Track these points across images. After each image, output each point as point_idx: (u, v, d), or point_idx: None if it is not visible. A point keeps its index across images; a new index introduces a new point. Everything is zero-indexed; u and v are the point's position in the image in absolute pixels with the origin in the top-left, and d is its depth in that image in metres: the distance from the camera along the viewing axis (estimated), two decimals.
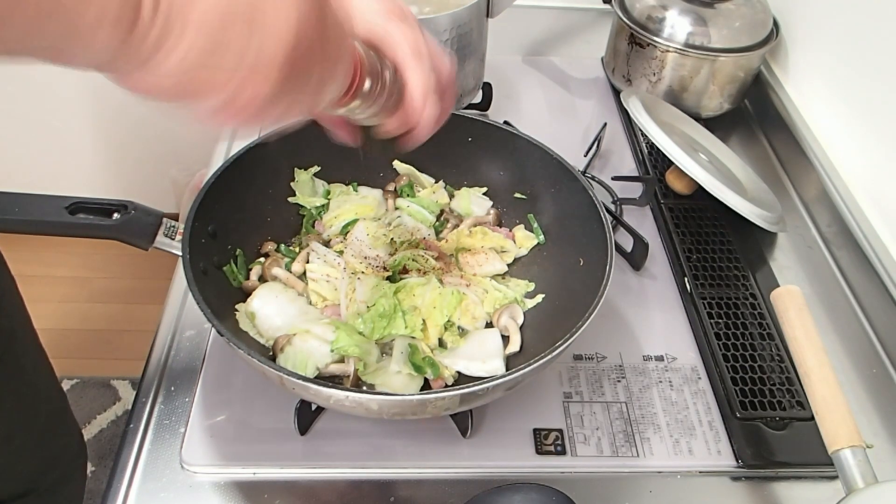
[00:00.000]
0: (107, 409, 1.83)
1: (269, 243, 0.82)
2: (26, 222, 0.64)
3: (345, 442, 0.70)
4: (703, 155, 0.99)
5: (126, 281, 2.15)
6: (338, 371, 0.70)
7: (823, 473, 0.70)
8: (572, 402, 0.75)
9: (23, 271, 2.06)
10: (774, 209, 0.94)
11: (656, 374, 0.78)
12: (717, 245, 0.94)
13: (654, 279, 0.90)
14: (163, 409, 0.72)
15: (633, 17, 1.13)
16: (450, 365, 0.72)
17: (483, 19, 1.02)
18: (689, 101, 1.13)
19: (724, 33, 1.08)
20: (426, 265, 0.79)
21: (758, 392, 0.76)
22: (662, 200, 1.00)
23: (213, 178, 0.74)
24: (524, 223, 0.86)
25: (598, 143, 1.06)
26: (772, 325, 0.84)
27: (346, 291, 0.75)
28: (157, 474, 0.67)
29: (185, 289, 0.82)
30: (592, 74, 1.26)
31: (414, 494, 0.67)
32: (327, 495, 0.66)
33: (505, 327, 0.75)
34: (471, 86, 1.06)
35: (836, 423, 0.60)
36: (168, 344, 0.78)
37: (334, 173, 0.88)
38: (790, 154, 1.09)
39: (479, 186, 0.89)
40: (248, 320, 0.73)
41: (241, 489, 0.66)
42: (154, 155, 2.06)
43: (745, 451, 0.71)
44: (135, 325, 2.03)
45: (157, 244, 0.67)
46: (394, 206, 0.87)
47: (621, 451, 0.71)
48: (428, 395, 0.61)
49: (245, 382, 0.74)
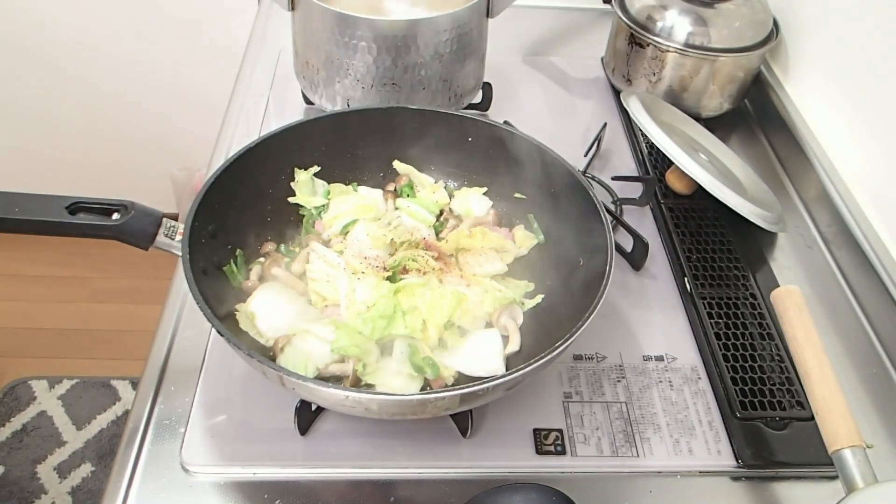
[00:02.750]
0: (107, 409, 1.83)
1: (269, 243, 0.82)
2: (26, 222, 0.64)
3: (345, 442, 0.70)
4: (703, 155, 0.99)
5: (126, 281, 2.15)
6: (338, 371, 0.70)
7: (823, 473, 0.70)
8: (572, 402, 0.75)
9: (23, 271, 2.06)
10: (774, 209, 0.94)
11: (656, 374, 0.78)
12: (717, 245, 0.94)
13: (654, 279, 0.90)
14: (163, 409, 0.72)
15: (633, 17, 1.13)
16: (450, 365, 0.72)
17: (483, 19, 1.02)
18: (689, 101, 1.13)
19: (724, 33, 1.08)
20: (426, 265, 0.79)
21: (758, 392, 0.76)
22: (662, 200, 1.00)
23: (213, 178, 0.74)
24: (524, 223, 0.86)
25: (598, 143, 1.06)
26: (772, 325, 0.84)
27: (346, 291, 0.75)
28: (157, 474, 0.67)
29: (185, 289, 0.81)
30: (592, 74, 1.26)
31: (414, 494, 0.67)
32: (327, 495, 0.66)
33: (504, 327, 0.75)
34: (471, 86, 1.06)
35: (836, 423, 0.60)
36: (168, 344, 0.78)
37: (334, 173, 0.88)
38: (790, 154, 1.09)
39: (479, 186, 0.89)
40: (248, 320, 0.73)
41: (241, 489, 0.66)
42: (154, 155, 2.07)
43: (745, 451, 0.71)
44: (135, 325, 2.03)
45: (157, 244, 0.68)
46: (394, 206, 0.87)
47: (621, 451, 0.71)
48: (428, 395, 0.61)
49: (245, 383, 0.74)
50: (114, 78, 1.91)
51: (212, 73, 1.85)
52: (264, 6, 1.37)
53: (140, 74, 1.90)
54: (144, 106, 1.97)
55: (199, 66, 1.87)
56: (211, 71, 1.86)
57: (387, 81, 0.98)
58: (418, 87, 0.99)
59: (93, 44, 1.84)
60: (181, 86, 1.92)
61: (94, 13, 1.78)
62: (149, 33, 1.82)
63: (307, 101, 1.11)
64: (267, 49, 1.25)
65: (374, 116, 0.87)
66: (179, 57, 1.87)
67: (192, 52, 1.85)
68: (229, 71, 1.25)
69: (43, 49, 1.84)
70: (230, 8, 1.74)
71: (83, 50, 1.85)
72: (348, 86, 0.99)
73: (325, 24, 0.95)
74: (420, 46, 0.95)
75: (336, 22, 0.94)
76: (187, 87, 1.92)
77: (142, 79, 1.91)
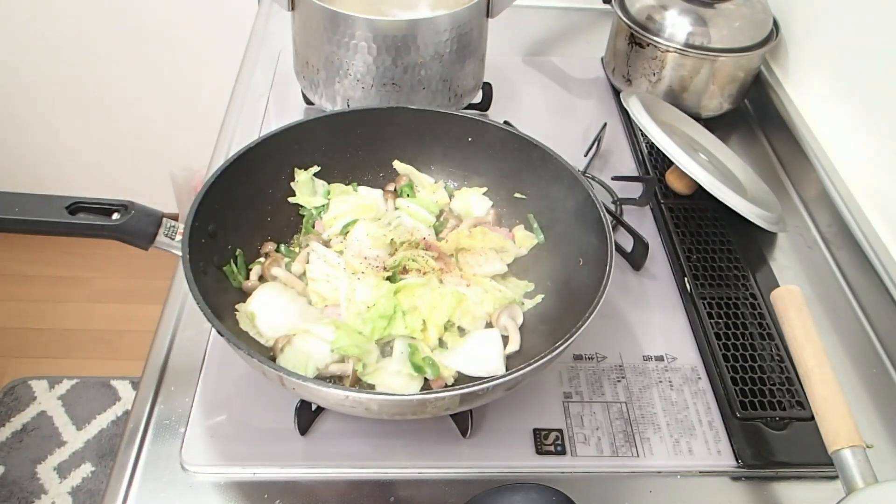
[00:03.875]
0: (107, 409, 1.83)
1: (269, 243, 0.82)
2: (26, 222, 0.64)
3: (345, 442, 0.70)
4: (703, 155, 0.99)
5: (126, 281, 2.15)
6: (338, 371, 0.70)
7: (823, 473, 0.70)
8: (572, 402, 0.75)
9: (23, 271, 2.06)
10: (774, 209, 0.94)
11: (656, 374, 0.78)
12: (717, 245, 0.94)
13: (654, 279, 0.90)
14: (163, 409, 0.72)
15: (633, 17, 1.13)
16: (450, 365, 0.72)
17: (483, 19, 1.02)
18: (689, 101, 1.13)
19: (724, 33, 1.08)
20: (426, 265, 0.79)
21: (758, 392, 0.76)
22: (662, 200, 1.00)
23: (213, 178, 0.74)
24: (524, 223, 0.86)
25: (598, 143, 1.06)
26: (772, 325, 0.84)
27: (346, 292, 0.75)
28: (157, 474, 0.67)
29: (185, 289, 0.81)
30: (592, 74, 1.26)
31: (414, 494, 0.67)
32: (327, 495, 0.66)
33: (504, 327, 0.75)
34: (471, 86, 1.06)
35: (836, 423, 0.60)
36: (168, 344, 0.78)
37: (334, 173, 0.88)
38: (790, 154, 1.09)
39: (479, 186, 0.89)
40: (248, 320, 0.73)
41: (241, 489, 0.66)
42: (154, 155, 2.07)
43: (745, 451, 0.71)
44: (135, 325, 2.03)
45: (157, 244, 0.68)
46: (394, 206, 0.87)
47: (621, 451, 0.71)
48: (428, 395, 0.61)
49: (245, 382, 0.74)
50: (114, 77, 1.91)
51: (212, 72, 1.85)
52: (264, 6, 1.37)
53: (140, 74, 1.90)
54: (145, 106, 1.97)
55: (200, 65, 1.87)
56: (211, 71, 1.86)
57: (387, 81, 0.98)
58: (418, 87, 0.99)
59: (93, 43, 1.84)
60: (181, 85, 1.92)
61: (94, 13, 1.78)
62: (149, 33, 1.82)
63: (307, 101, 1.11)
64: (267, 49, 1.25)
65: (374, 116, 0.87)
66: (179, 57, 1.87)
67: (192, 52, 1.85)
68: (229, 71, 1.25)
69: (43, 48, 1.84)
70: (230, 8, 1.74)
71: (83, 49, 1.85)
72: (348, 86, 0.99)
73: (325, 24, 0.95)
74: (420, 46, 0.95)
75: (336, 22, 0.94)
76: (187, 86, 1.92)
77: (142, 78, 1.91)
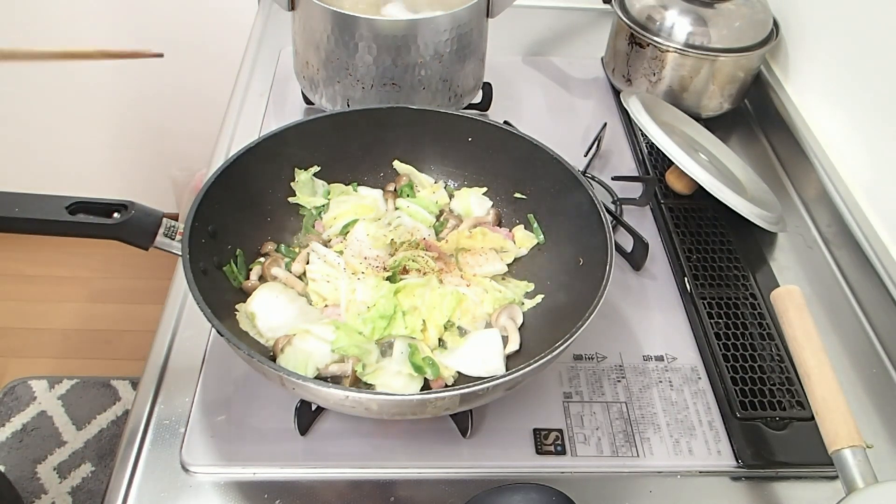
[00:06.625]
0: (107, 409, 1.83)
1: (269, 243, 0.82)
2: (26, 222, 0.64)
3: (345, 442, 0.70)
4: (703, 155, 0.99)
5: (126, 281, 2.15)
6: (338, 371, 0.70)
7: (823, 473, 0.70)
8: (572, 402, 0.75)
9: (23, 271, 2.06)
10: (774, 209, 0.94)
11: (656, 374, 0.78)
12: (717, 245, 0.94)
13: (654, 279, 0.90)
14: (163, 409, 0.72)
15: (633, 17, 1.13)
16: (450, 365, 0.72)
17: (483, 19, 1.02)
18: (689, 101, 1.13)
19: (724, 33, 1.08)
20: (426, 266, 0.79)
21: (758, 392, 0.76)
22: (662, 200, 1.00)
23: (213, 178, 0.74)
24: (524, 223, 0.86)
25: (598, 143, 1.06)
26: (772, 325, 0.84)
27: (346, 292, 0.75)
28: (157, 474, 0.67)
29: (185, 289, 0.81)
30: (592, 74, 1.26)
31: (414, 494, 0.67)
32: (327, 495, 0.66)
33: (504, 327, 0.75)
34: (471, 86, 1.06)
35: (836, 423, 0.60)
36: (168, 344, 0.78)
37: (334, 173, 0.88)
38: (790, 154, 1.09)
39: (479, 186, 0.89)
40: (248, 320, 0.73)
41: (241, 489, 0.66)
42: (154, 155, 2.06)
43: (745, 451, 0.71)
44: (135, 325, 2.03)
45: (157, 244, 0.68)
46: (394, 206, 0.87)
47: (621, 451, 0.71)
48: (428, 395, 0.61)
49: (245, 382, 0.74)
50: (113, 77, 1.91)
51: (211, 72, 1.85)
52: (264, 6, 1.37)
53: (140, 74, 1.90)
54: (144, 106, 1.97)
55: (199, 65, 1.87)
56: (211, 71, 1.86)
57: (387, 81, 0.98)
58: (418, 87, 0.99)
59: (92, 43, 1.84)
60: (181, 85, 1.92)
61: (94, 13, 1.78)
62: (148, 33, 1.82)
63: (307, 101, 1.11)
64: (267, 49, 1.25)
65: (374, 116, 0.87)
66: (179, 57, 1.86)
67: (191, 52, 1.85)
68: (229, 71, 1.25)
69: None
70: (230, 8, 1.74)
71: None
72: (348, 86, 0.99)
73: (325, 24, 0.95)
74: (420, 46, 0.95)
75: (336, 22, 0.94)
76: (187, 86, 1.92)
77: (141, 78, 1.91)
